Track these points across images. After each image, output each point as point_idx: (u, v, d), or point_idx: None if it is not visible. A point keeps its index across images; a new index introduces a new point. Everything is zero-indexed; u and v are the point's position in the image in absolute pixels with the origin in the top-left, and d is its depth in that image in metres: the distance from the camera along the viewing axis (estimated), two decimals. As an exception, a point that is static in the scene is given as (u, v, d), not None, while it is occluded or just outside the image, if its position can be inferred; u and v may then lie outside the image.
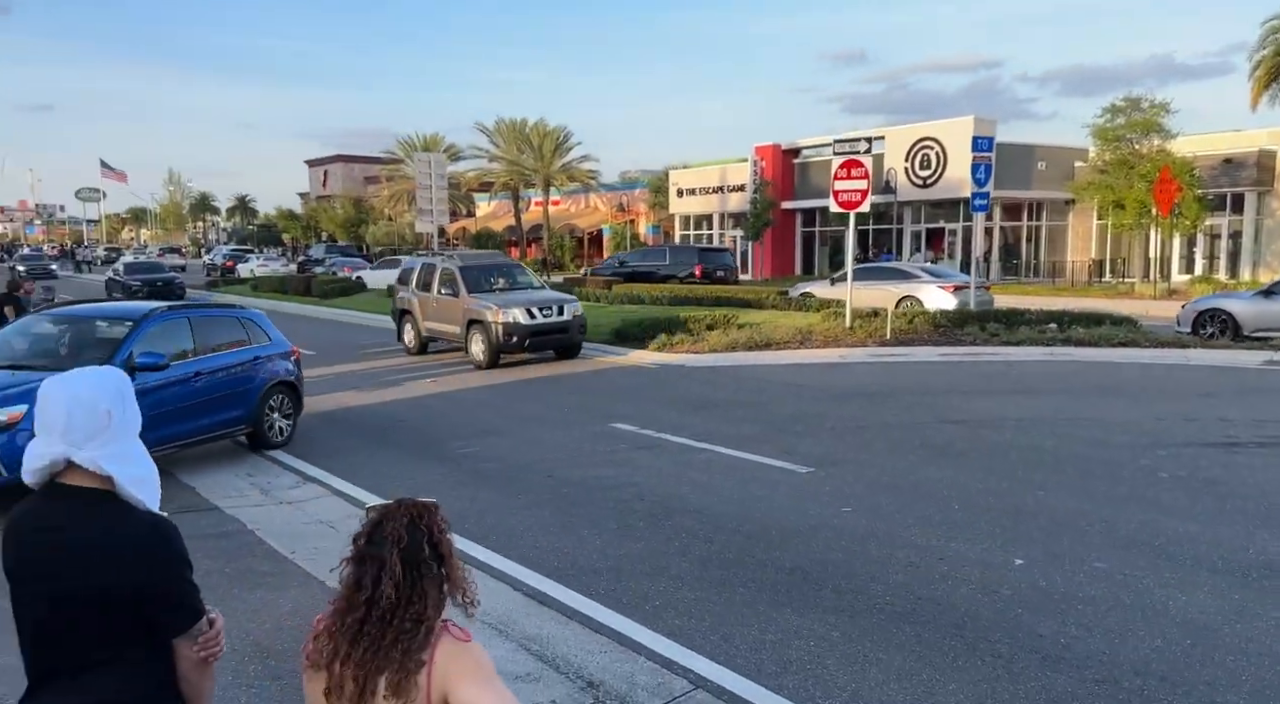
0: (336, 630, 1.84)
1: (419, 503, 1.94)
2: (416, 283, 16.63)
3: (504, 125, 54.96)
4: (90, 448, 1.99)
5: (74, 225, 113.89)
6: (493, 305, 14.50)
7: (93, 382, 2.05)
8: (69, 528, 2.02)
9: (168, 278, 32.39)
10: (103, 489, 2.03)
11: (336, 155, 79.77)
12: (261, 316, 10.07)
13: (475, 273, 15.70)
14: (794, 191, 39.44)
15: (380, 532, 1.86)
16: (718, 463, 8.48)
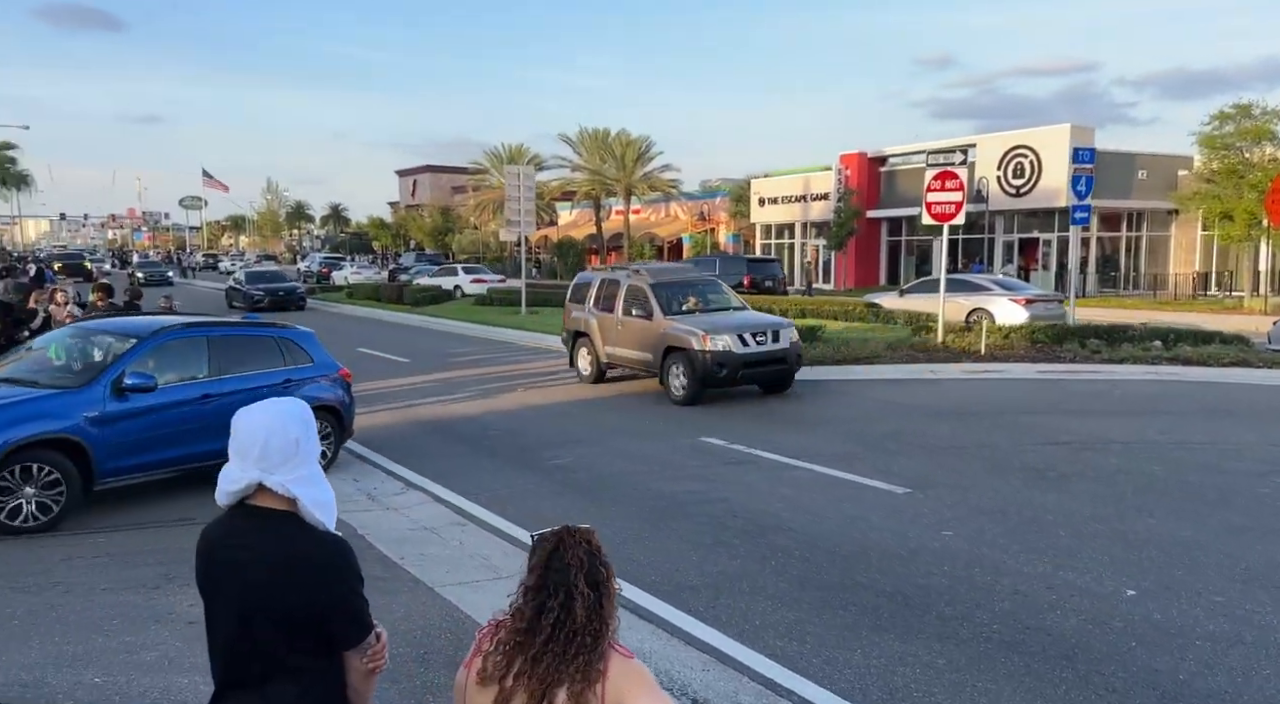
0: (514, 649, 1.96)
1: (585, 529, 2.08)
2: (595, 301, 14.42)
3: (586, 135, 55.67)
4: (280, 473, 2.16)
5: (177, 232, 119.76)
6: (698, 330, 12.28)
7: (283, 412, 2.22)
8: (258, 545, 2.18)
9: (290, 287, 31.95)
10: (287, 510, 2.19)
11: (425, 165, 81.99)
12: (306, 336, 9.58)
13: (669, 290, 13.56)
14: (879, 200, 38.84)
15: (560, 558, 1.99)
16: (811, 480, 8.45)
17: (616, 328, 13.85)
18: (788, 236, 43.17)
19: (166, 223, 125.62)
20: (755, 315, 13.85)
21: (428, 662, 4.86)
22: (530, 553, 2.03)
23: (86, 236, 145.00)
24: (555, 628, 1.92)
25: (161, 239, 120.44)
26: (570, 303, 15.24)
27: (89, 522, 7.44)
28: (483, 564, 6.49)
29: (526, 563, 2.04)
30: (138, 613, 5.46)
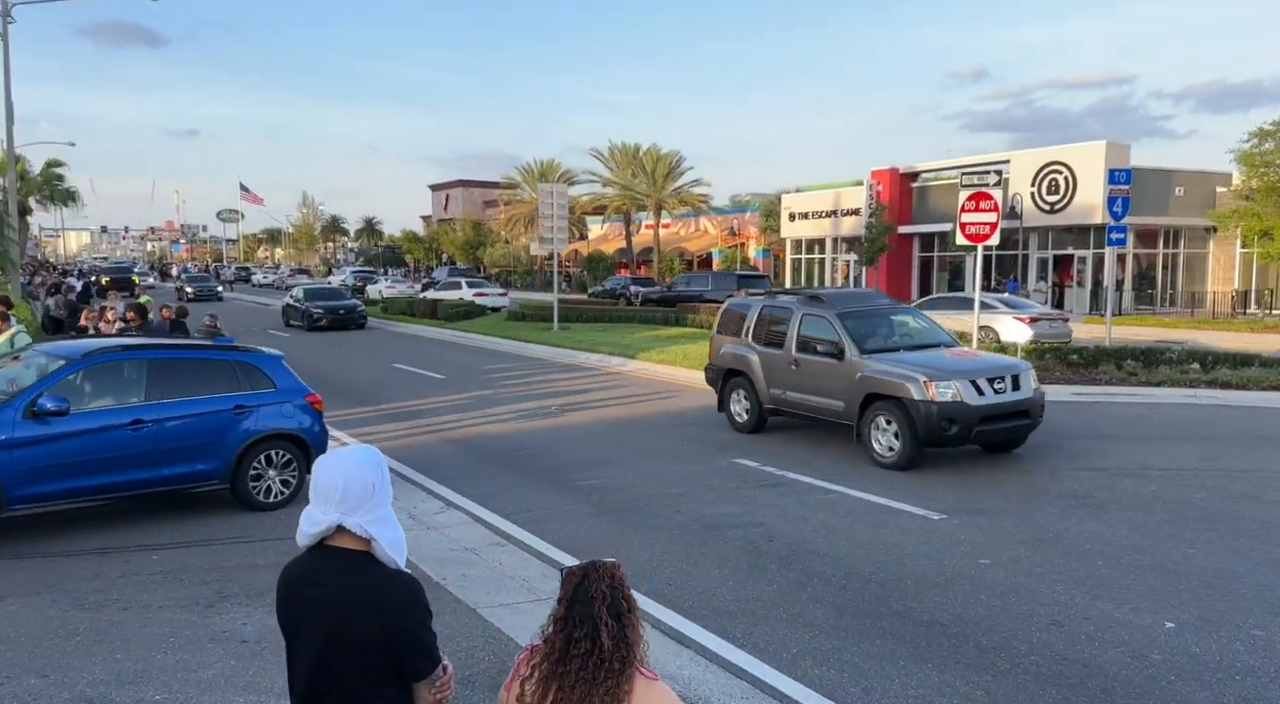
0: (549, 677, 2.13)
1: (609, 563, 2.21)
2: (756, 334, 12.02)
3: (617, 151, 56.11)
4: (357, 515, 2.33)
5: (214, 244, 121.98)
6: (917, 374, 9.76)
7: (360, 459, 2.39)
8: (336, 583, 2.35)
9: (350, 306, 29.84)
10: (363, 550, 2.35)
11: (458, 180, 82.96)
12: (269, 360, 9.02)
13: (862, 322, 11.04)
14: (911, 216, 38.72)
15: (585, 591, 2.14)
16: (846, 505, 8.50)
17: (788, 368, 11.35)
18: (818, 252, 43.13)
19: (204, 235, 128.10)
20: (982, 355, 11.52)
21: (472, 684, 4.99)
22: (560, 586, 2.20)
23: (126, 249, 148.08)
24: (585, 657, 2.09)
25: (199, 251, 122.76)
26: (719, 334, 12.90)
27: (143, 538, 7.67)
28: (522, 586, 6.62)
29: (558, 595, 2.20)
30: (194, 631, 5.65)
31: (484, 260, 67.69)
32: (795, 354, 11.30)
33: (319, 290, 32.77)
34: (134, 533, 7.83)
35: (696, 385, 16.48)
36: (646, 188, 53.59)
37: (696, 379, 16.90)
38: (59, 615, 5.89)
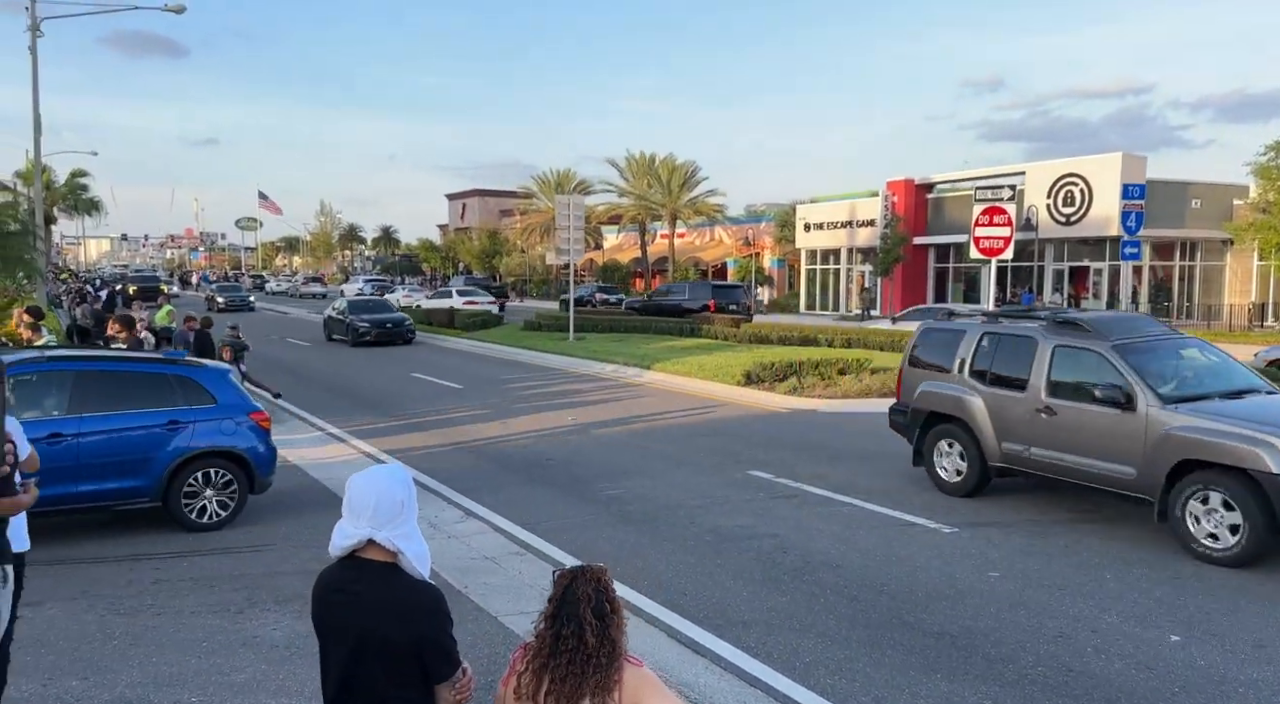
0: (541, 670, 2.39)
1: (596, 568, 2.49)
2: (975, 368, 9.36)
3: (633, 161, 56.46)
4: (387, 529, 2.54)
5: (233, 252, 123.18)
6: (1270, 436, 7.01)
7: (390, 477, 2.61)
8: (366, 592, 2.56)
9: (397, 319, 27.87)
10: (391, 562, 2.56)
11: (474, 189, 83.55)
12: (212, 374, 8.72)
13: (1150, 357, 8.38)
14: (927, 227, 38.78)
15: (572, 593, 2.41)
16: (859, 517, 8.63)
17: (1034, 417, 8.66)
18: (833, 262, 43.22)
19: (223, 243, 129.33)
20: None
21: (493, 689, 5.15)
22: (552, 586, 2.47)
23: (146, 256, 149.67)
24: (572, 652, 2.35)
25: (218, 259, 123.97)
26: (913, 366, 10.26)
27: (169, 546, 7.90)
28: (542, 595, 6.67)
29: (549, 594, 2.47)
30: (225, 636, 5.85)
31: (500, 269, 68.08)
32: (1047, 399, 8.57)
33: (364, 303, 30.37)
34: (161, 540, 8.06)
35: (709, 395, 16.67)
36: (662, 198, 53.87)
37: (712, 390, 17.09)
38: (96, 620, 6.11)
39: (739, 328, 25.51)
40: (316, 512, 9.12)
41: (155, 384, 8.29)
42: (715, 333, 25.60)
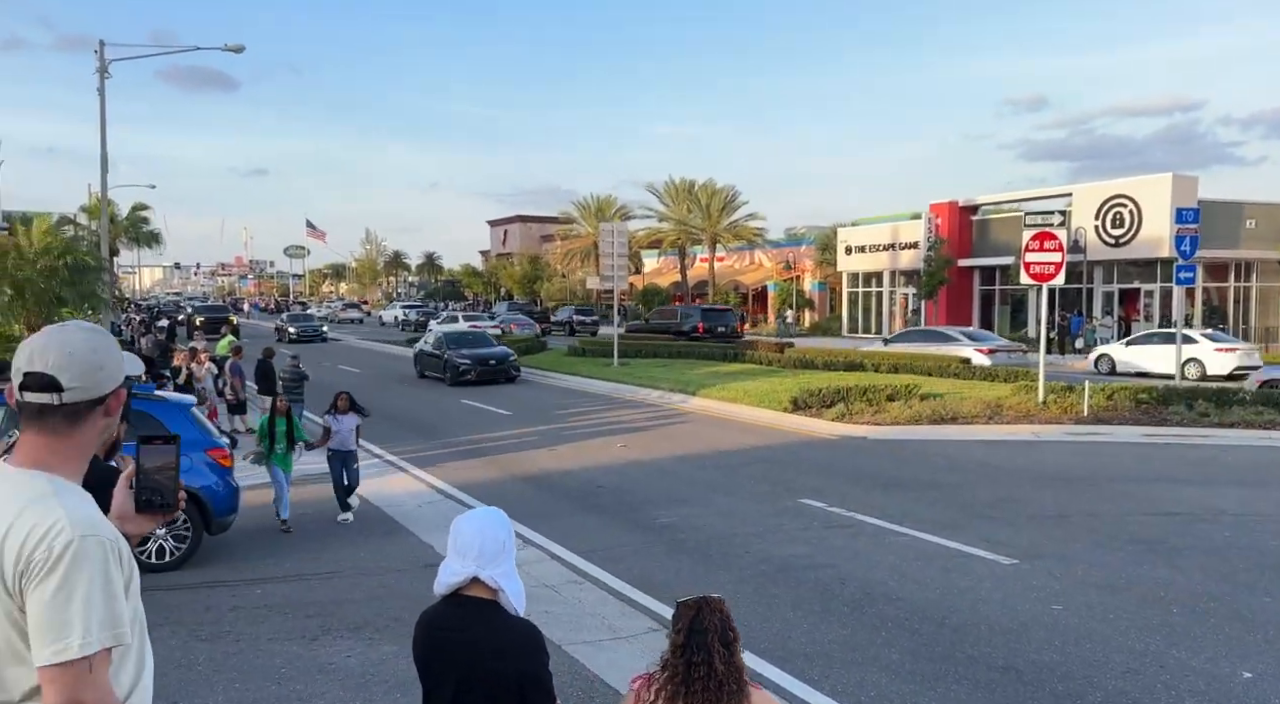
0: (674, 698, 2.51)
1: (717, 599, 2.61)
2: None
3: (673, 186, 56.87)
4: (490, 568, 2.68)
5: (281, 279, 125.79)
6: None
7: (493, 519, 2.76)
8: (469, 628, 2.69)
9: (500, 355, 24.36)
10: (492, 600, 2.70)
11: (515, 215, 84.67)
12: (170, 409, 8.47)
13: None
14: (972, 249, 38.50)
15: (700, 623, 2.53)
16: (915, 548, 8.62)
17: None
18: (875, 285, 43.03)
19: (271, 270, 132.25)
20: None
21: (565, 719, 5.27)
22: (675, 618, 2.58)
23: (197, 284, 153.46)
24: (704, 680, 2.48)
25: (266, 286, 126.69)
26: None
27: (240, 573, 8.16)
28: (602, 624, 6.90)
29: (672, 625, 2.59)
30: (303, 663, 6.05)
31: (541, 294, 68.74)
32: None
33: (462, 336, 26.24)
34: (233, 567, 8.32)
35: (757, 422, 16.70)
36: (702, 222, 54.14)
37: (757, 416, 17.12)
38: (180, 646, 6.35)
39: (783, 353, 25.50)
40: (381, 539, 9.35)
41: None
42: (759, 358, 25.61)
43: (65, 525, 1.62)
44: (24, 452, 1.73)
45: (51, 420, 1.71)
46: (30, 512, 1.63)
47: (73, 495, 1.70)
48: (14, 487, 1.68)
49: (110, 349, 1.79)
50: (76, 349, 1.72)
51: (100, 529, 1.67)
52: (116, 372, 1.78)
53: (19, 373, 1.70)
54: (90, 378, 1.73)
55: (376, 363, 33.15)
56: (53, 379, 1.68)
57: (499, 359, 24.28)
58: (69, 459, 1.75)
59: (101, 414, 1.77)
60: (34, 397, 1.69)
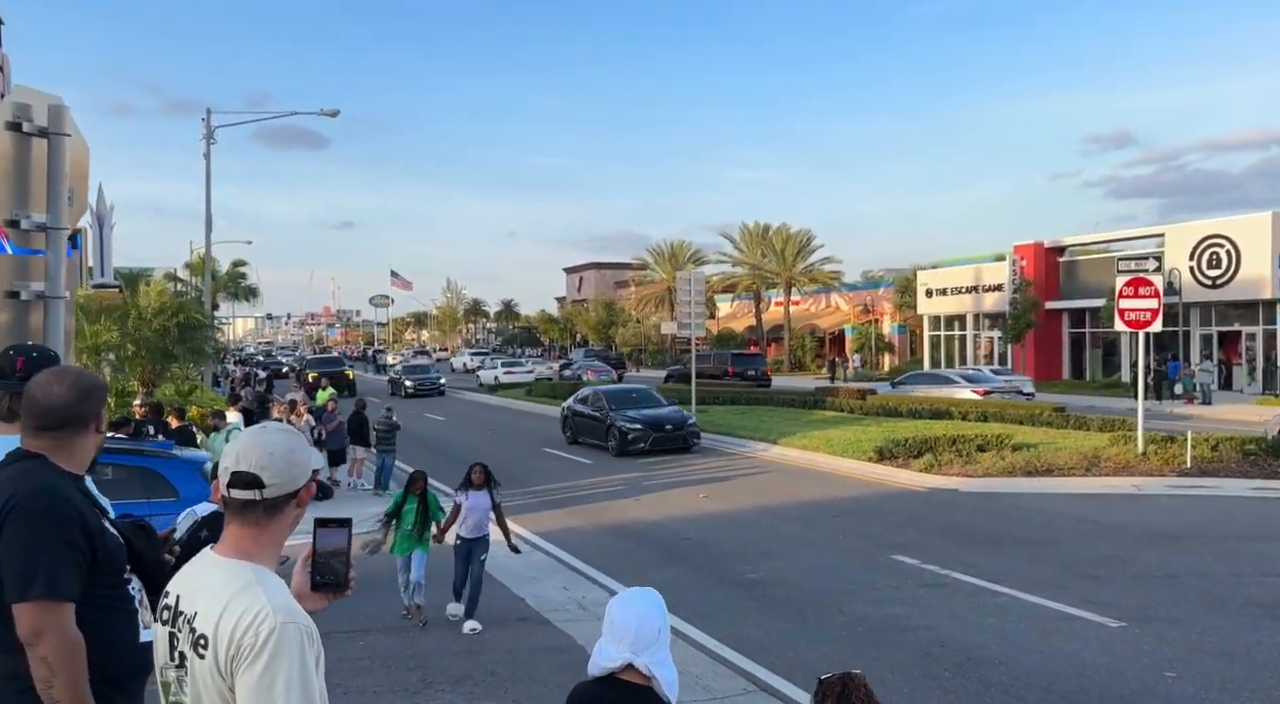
0: None
1: (859, 676, 2.68)
2: None
3: (747, 231, 57.14)
4: (646, 655, 2.73)
5: (366, 328, 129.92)
6: None
7: (649, 603, 2.81)
8: None
9: (677, 418, 19.95)
10: (644, 685, 2.75)
11: (591, 263, 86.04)
12: (178, 465, 8.29)
13: None
14: (1059, 291, 37.50)
15: (847, 700, 2.62)
16: (1016, 609, 8.37)
17: None
18: (958, 328, 42.17)
19: (357, 319, 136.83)
20: None
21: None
22: (818, 692, 2.64)
23: (287, 333, 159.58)
24: None
25: (352, 335, 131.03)
26: None
27: (342, 624, 8.40)
28: (695, 683, 6.88)
29: (814, 700, 2.65)
30: (408, 717, 6.20)
31: (616, 340, 69.40)
32: None
33: (626, 394, 21.69)
34: (331, 619, 8.57)
35: (841, 472, 16.47)
36: (776, 266, 54.15)
37: (840, 466, 16.89)
38: (290, 696, 6.57)
39: (865, 400, 25.15)
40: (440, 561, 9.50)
41: (122, 476, 7.98)
42: (840, 406, 25.31)
43: (269, 612, 1.79)
44: (229, 542, 1.92)
45: (254, 514, 1.91)
46: (239, 599, 1.81)
47: (273, 583, 1.88)
48: (224, 574, 1.87)
49: (303, 448, 1.98)
50: (276, 449, 1.91)
51: (297, 616, 1.84)
52: (308, 467, 1.97)
53: (226, 472, 1.89)
54: (287, 474, 1.92)
55: (457, 409, 33.91)
56: (256, 477, 1.88)
57: (675, 423, 19.79)
58: (267, 547, 1.94)
59: (294, 505, 1.95)
60: (239, 493, 1.89)
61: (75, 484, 2.41)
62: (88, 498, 2.42)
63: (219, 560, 1.91)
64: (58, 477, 2.35)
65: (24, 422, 2.43)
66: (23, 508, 2.24)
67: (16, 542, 2.23)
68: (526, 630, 8.18)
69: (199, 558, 1.99)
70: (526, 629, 8.22)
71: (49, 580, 2.22)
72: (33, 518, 2.24)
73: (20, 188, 4.21)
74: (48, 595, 2.21)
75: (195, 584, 1.92)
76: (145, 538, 2.63)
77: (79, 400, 2.43)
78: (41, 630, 2.19)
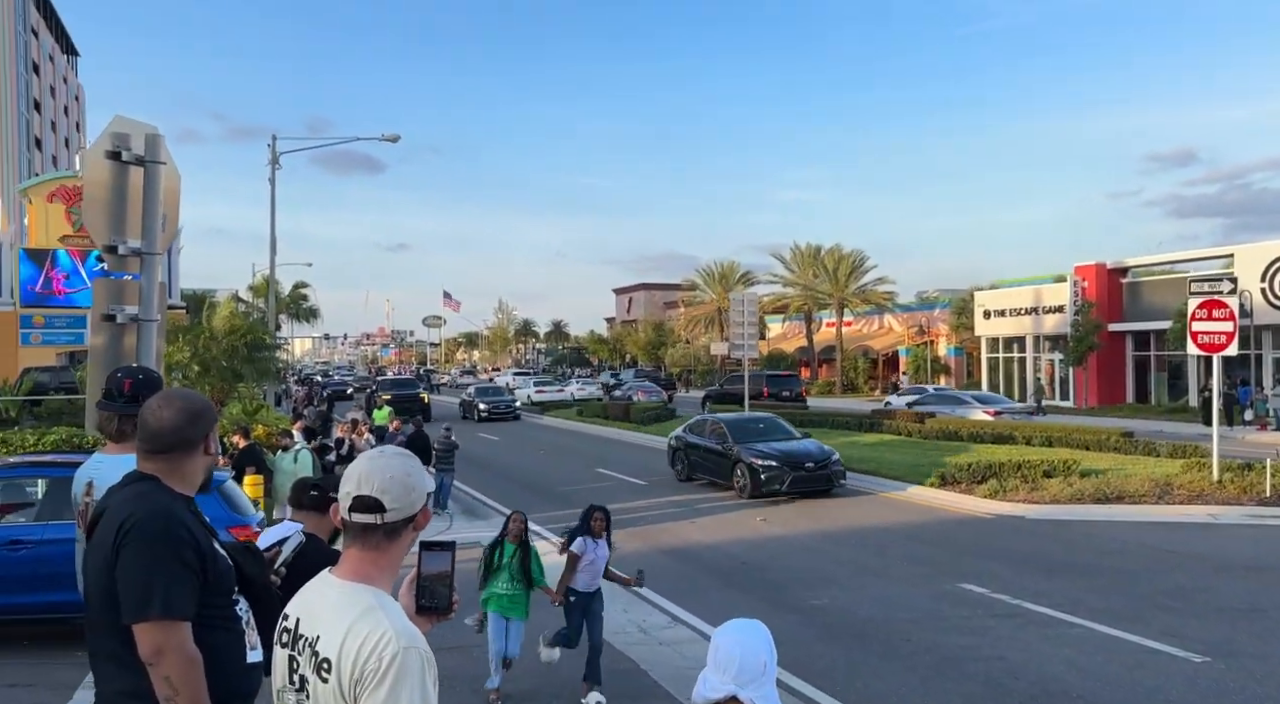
0: None
1: None
2: None
3: (798, 252, 56.86)
4: (750, 689, 2.68)
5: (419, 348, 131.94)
6: None
7: (756, 635, 2.76)
8: None
9: (819, 454, 16.79)
10: None
11: (640, 284, 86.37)
12: None
13: None
14: (1123, 313, 36.55)
15: None
16: (1092, 641, 8.09)
17: None
18: (1017, 350, 41.31)
19: (410, 339, 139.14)
20: None
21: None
22: None
23: (343, 353, 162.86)
24: None
25: (406, 354, 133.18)
26: None
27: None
28: (762, 711, 6.75)
29: None
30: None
31: (665, 360, 69.40)
32: None
33: (753, 423, 18.63)
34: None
35: (901, 498, 16.16)
36: (829, 287, 53.73)
37: (900, 491, 16.57)
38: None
39: (923, 423, 24.70)
40: (534, 611, 9.50)
41: None
42: (898, 429, 24.90)
43: (392, 637, 1.80)
44: (349, 565, 1.94)
45: (374, 538, 1.92)
46: (361, 623, 1.82)
47: (393, 607, 1.89)
48: (345, 596, 1.88)
49: (419, 473, 1.99)
50: (396, 474, 1.93)
51: (418, 640, 1.85)
52: (424, 492, 1.99)
53: (348, 497, 1.91)
54: (406, 499, 1.93)
55: (509, 429, 34.13)
56: (377, 501, 1.89)
57: (819, 460, 16.56)
58: (385, 571, 1.95)
59: (411, 529, 1.96)
60: (360, 517, 1.90)
61: (187, 506, 2.46)
62: (199, 519, 2.47)
63: (339, 583, 1.93)
64: (171, 499, 2.40)
65: (138, 444, 2.49)
66: (140, 530, 2.30)
67: (134, 563, 2.28)
68: (588, 655, 8.12)
69: (317, 581, 2.01)
70: (588, 653, 8.16)
71: (165, 600, 2.26)
72: (150, 540, 2.29)
73: (118, 214, 4.37)
74: (164, 615, 2.25)
75: (315, 607, 1.94)
76: (252, 559, 2.67)
77: (188, 423, 2.49)
78: (162, 649, 2.23)
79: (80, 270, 36.20)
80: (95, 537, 2.38)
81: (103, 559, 2.33)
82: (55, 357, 33.35)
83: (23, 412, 20.96)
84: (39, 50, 66.59)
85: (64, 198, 35.21)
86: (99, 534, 2.36)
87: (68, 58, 77.84)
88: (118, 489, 2.44)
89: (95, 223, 4.26)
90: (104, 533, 2.34)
